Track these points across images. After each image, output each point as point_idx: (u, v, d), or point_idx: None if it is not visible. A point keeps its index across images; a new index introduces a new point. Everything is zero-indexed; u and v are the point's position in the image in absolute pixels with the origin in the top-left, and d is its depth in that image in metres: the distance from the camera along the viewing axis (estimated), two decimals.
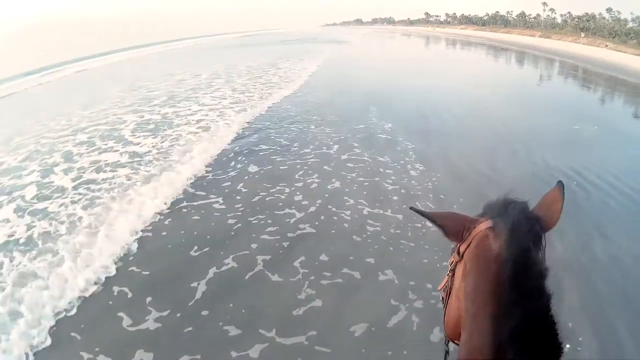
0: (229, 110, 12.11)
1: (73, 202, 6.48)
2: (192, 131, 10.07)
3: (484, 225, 0.90)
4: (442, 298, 1.09)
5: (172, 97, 14.57)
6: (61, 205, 6.42)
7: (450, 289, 1.01)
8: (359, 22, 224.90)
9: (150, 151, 8.79)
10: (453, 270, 0.99)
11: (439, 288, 1.11)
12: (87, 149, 9.16)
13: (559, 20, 79.37)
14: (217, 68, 22.36)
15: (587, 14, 69.54)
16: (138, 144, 9.40)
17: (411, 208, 1.06)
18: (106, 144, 9.44)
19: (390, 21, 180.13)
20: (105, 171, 7.76)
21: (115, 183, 7.15)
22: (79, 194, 6.82)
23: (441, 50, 45.03)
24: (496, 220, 0.88)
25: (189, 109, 12.49)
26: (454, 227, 0.96)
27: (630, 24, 64.25)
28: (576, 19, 72.33)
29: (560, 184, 0.96)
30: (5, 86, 20.88)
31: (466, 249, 0.92)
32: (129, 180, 7.24)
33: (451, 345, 1.08)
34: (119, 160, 8.30)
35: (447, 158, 8.13)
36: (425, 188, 6.71)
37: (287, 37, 62.79)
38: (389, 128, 10.24)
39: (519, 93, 17.32)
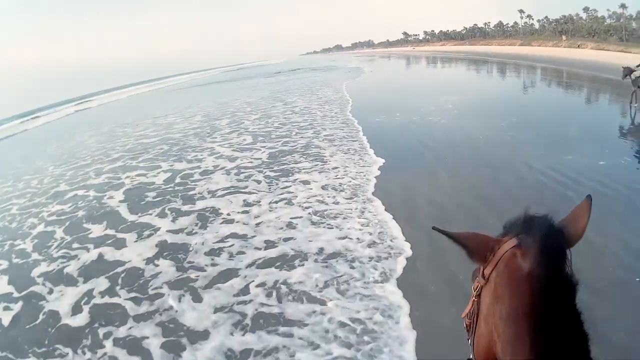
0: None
1: None
2: None
3: (508, 245, 0.86)
4: (466, 325, 1.03)
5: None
6: None
7: (477, 314, 0.95)
8: (339, 47, 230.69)
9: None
10: (479, 295, 0.94)
11: (463, 316, 1.04)
12: (70, 233, 7.03)
13: (536, 26, 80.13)
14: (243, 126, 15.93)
15: (564, 16, 70.04)
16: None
17: (434, 228, 0.99)
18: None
19: (369, 44, 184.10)
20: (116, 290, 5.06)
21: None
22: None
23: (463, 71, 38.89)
24: (522, 237, 0.85)
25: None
26: (478, 248, 0.92)
27: (608, 21, 64.65)
28: (554, 23, 72.92)
29: (588, 198, 0.90)
30: None
31: (492, 271, 0.88)
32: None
33: None
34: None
35: None
36: None
37: (279, 68, 61.32)
38: None
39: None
